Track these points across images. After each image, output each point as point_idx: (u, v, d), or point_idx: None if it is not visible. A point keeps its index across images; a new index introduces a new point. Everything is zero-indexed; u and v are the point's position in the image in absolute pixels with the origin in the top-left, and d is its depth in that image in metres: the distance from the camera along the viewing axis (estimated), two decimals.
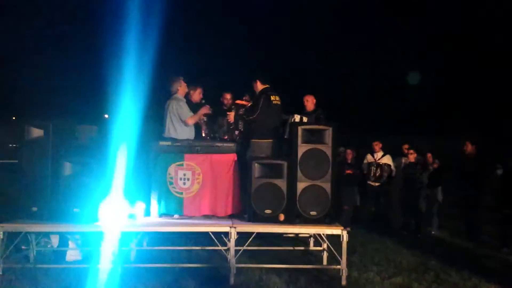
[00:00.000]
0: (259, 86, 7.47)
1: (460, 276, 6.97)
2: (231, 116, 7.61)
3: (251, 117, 7.27)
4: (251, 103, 7.64)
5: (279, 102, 7.47)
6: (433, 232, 10.13)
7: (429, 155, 10.46)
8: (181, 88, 7.61)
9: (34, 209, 6.52)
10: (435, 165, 10.25)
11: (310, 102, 8.36)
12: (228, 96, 8.53)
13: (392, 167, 10.53)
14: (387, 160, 10.57)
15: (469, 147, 9.66)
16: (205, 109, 7.59)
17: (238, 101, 7.81)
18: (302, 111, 8.24)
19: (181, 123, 7.37)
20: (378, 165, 10.53)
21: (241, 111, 7.54)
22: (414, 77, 27.08)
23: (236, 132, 7.71)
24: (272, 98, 7.37)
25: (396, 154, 10.87)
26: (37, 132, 6.62)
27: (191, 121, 7.44)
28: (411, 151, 10.40)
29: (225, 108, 8.30)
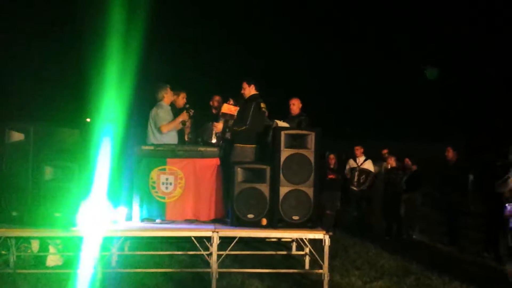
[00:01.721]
0: (252, 91, 7.46)
1: (441, 280, 7.05)
2: (219, 127, 7.57)
3: (243, 128, 7.25)
4: (238, 109, 7.61)
5: (266, 110, 7.49)
6: (414, 236, 10.21)
7: (406, 159, 10.56)
8: (166, 96, 7.57)
9: (14, 213, 6.44)
10: (413, 168, 10.35)
11: (296, 106, 8.29)
12: (217, 98, 8.52)
13: (374, 172, 10.62)
14: (369, 165, 10.66)
15: (450, 153, 9.77)
16: (183, 116, 7.56)
17: (224, 110, 7.72)
18: (286, 114, 8.23)
19: (157, 129, 7.35)
20: (361, 171, 10.61)
21: (230, 123, 7.50)
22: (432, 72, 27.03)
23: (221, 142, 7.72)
24: (262, 105, 7.38)
25: (376, 159, 10.96)
26: (17, 136, 6.54)
27: (165, 129, 7.35)
28: (389, 155, 10.50)
29: (214, 111, 8.30)
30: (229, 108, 7.70)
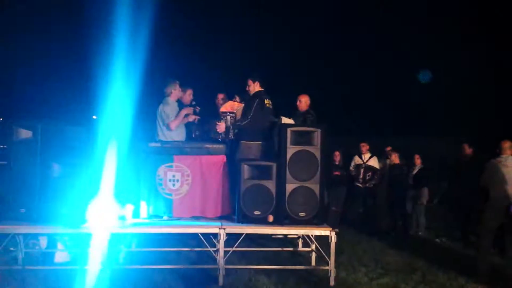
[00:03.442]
0: (256, 88, 7.45)
1: (446, 276, 7.06)
2: (222, 126, 7.42)
3: (245, 123, 7.25)
4: (241, 105, 7.63)
5: (271, 106, 7.48)
6: (420, 233, 10.22)
7: (416, 156, 10.53)
8: (174, 91, 7.61)
9: (23, 210, 6.49)
10: (418, 162, 10.33)
11: (303, 103, 8.18)
12: (221, 96, 8.53)
13: (379, 168, 10.62)
14: (374, 161, 10.65)
15: (466, 150, 9.61)
16: (186, 111, 7.60)
17: (223, 109, 7.72)
18: (294, 111, 8.21)
19: (165, 126, 7.39)
20: (367, 167, 10.60)
21: (232, 120, 7.47)
22: (424, 76, 26.91)
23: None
24: (266, 102, 7.38)
25: (381, 155, 10.95)
26: (25, 133, 6.59)
27: (173, 125, 7.42)
28: (392, 152, 10.48)
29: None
30: (231, 106, 7.70)
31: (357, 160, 10.85)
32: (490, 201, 7.32)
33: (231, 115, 7.42)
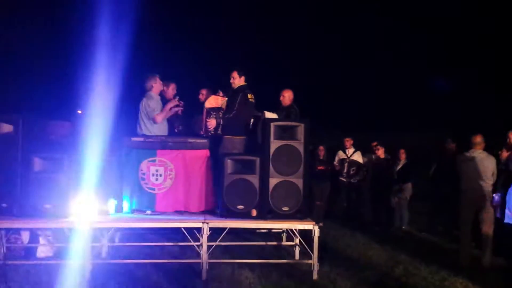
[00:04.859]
0: (241, 82, 7.46)
1: (428, 270, 7.11)
2: (212, 123, 7.40)
3: (230, 116, 7.27)
4: (225, 99, 7.63)
5: (253, 100, 7.51)
6: (403, 227, 10.29)
7: (401, 151, 10.59)
8: (155, 85, 7.55)
9: (4, 205, 6.44)
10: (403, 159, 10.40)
11: (286, 98, 8.18)
12: (204, 91, 8.49)
13: (363, 163, 10.67)
14: (358, 156, 10.70)
15: (449, 144, 9.69)
16: (171, 104, 7.57)
17: (208, 105, 7.66)
18: (277, 106, 8.21)
19: (151, 120, 7.34)
20: (351, 162, 10.65)
21: (221, 114, 7.44)
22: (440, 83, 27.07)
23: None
24: (249, 96, 7.40)
25: (365, 150, 11.00)
26: (6, 127, 6.53)
27: (159, 118, 7.38)
28: (379, 147, 10.54)
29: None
30: (215, 100, 7.66)
31: (341, 154, 10.89)
32: (461, 193, 7.63)
33: (220, 111, 7.42)
